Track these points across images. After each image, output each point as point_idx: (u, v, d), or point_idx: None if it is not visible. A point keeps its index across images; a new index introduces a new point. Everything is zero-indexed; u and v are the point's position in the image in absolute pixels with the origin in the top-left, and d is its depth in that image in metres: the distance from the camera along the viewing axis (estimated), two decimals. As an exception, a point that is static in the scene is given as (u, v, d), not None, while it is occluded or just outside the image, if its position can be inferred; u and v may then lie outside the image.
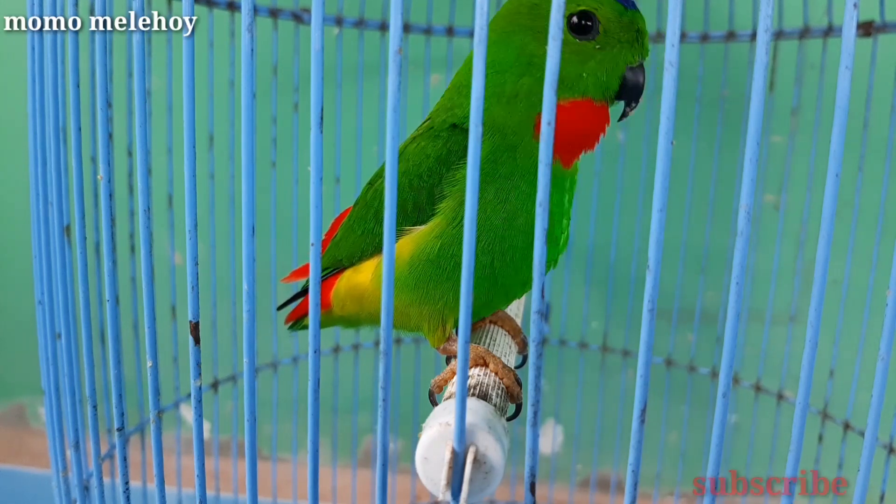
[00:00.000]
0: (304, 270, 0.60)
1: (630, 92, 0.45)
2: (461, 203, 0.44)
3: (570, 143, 0.46)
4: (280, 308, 0.65)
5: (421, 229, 0.46)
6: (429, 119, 0.50)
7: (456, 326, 0.48)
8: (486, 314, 0.52)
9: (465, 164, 0.44)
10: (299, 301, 0.61)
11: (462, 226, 0.44)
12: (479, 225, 0.44)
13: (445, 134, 0.46)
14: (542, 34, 0.44)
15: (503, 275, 0.46)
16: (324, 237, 0.59)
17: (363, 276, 0.50)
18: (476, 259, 0.44)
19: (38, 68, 0.48)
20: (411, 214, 0.46)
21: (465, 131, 0.46)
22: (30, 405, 1.06)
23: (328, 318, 0.55)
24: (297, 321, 0.60)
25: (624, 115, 0.47)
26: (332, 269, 0.53)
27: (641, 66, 0.45)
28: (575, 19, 0.43)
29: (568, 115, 0.44)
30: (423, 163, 0.46)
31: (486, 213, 0.44)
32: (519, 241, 0.45)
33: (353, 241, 0.51)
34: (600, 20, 0.43)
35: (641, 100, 0.46)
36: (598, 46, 0.44)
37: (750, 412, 0.85)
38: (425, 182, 0.45)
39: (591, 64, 0.44)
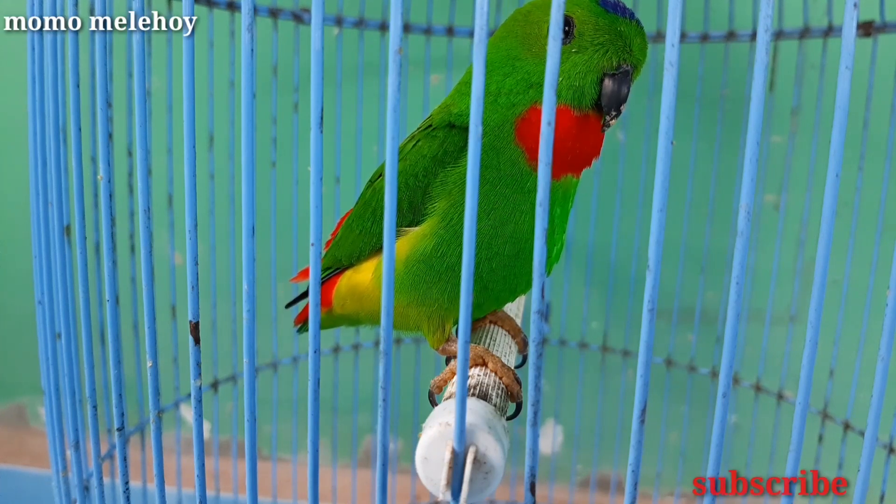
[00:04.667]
0: (306, 272, 0.61)
1: (608, 99, 0.43)
2: (452, 204, 0.44)
3: (555, 153, 0.45)
4: (288, 306, 0.66)
5: (416, 230, 0.46)
6: (429, 118, 0.50)
7: (456, 327, 0.48)
8: (480, 315, 0.52)
9: (458, 165, 0.44)
10: (306, 301, 0.61)
11: (453, 227, 0.44)
12: None
13: (442, 133, 0.46)
14: (528, 39, 0.44)
15: (491, 280, 0.46)
16: (330, 237, 0.59)
17: (363, 275, 0.50)
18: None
19: (38, 68, 0.48)
20: (407, 214, 0.46)
21: (461, 129, 0.46)
22: (30, 405, 1.06)
23: (330, 318, 0.55)
24: (306, 323, 0.60)
25: (604, 124, 0.44)
26: (333, 268, 0.53)
27: (627, 74, 0.43)
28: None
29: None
30: (419, 162, 0.46)
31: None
32: (506, 250, 0.45)
33: (352, 240, 0.51)
34: (575, 23, 0.42)
35: (623, 109, 0.44)
36: (574, 50, 0.43)
37: (750, 412, 0.85)
38: (421, 182, 0.45)
39: (564, 67, 0.42)
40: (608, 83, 0.43)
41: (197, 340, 0.37)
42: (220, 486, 0.89)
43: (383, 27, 0.79)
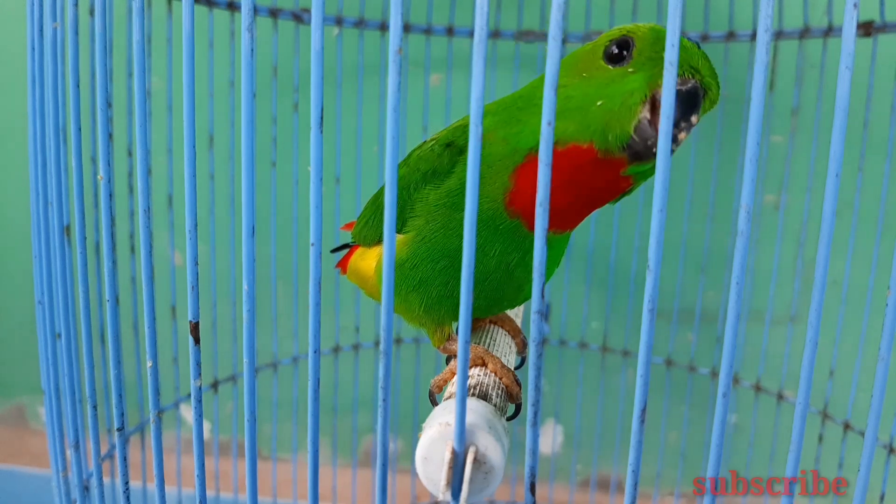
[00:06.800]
0: (351, 224, 0.61)
1: (684, 99, 0.36)
2: (428, 222, 0.44)
3: (558, 205, 0.36)
4: (333, 251, 0.65)
5: (399, 238, 0.46)
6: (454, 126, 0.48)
7: (456, 325, 0.48)
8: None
9: (442, 185, 0.44)
10: (345, 252, 0.61)
11: (426, 245, 0.44)
12: (441, 245, 0.44)
13: (439, 149, 0.46)
14: (578, 67, 0.39)
15: (458, 299, 0.46)
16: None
17: (366, 263, 0.52)
18: (436, 276, 0.45)
19: (38, 68, 0.48)
20: (397, 222, 0.46)
21: (457, 147, 0.45)
22: (30, 405, 1.06)
23: (347, 279, 0.59)
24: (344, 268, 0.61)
25: (674, 141, 0.36)
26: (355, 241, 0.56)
27: (696, 90, 0.36)
28: (614, 48, 0.37)
29: (564, 161, 0.37)
30: (413, 175, 0.46)
31: (445, 236, 0.44)
32: (475, 275, 0.43)
33: (361, 226, 0.54)
34: (636, 42, 0.37)
35: (681, 138, 0.36)
36: (630, 70, 0.37)
37: (750, 412, 0.85)
38: (411, 194, 0.46)
39: (611, 89, 0.37)
40: (680, 86, 0.36)
41: (197, 340, 0.37)
42: (220, 486, 0.89)
43: (383, 27, 0.79)
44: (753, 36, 0.74)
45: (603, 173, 0.38)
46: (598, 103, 0.37)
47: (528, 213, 0.40)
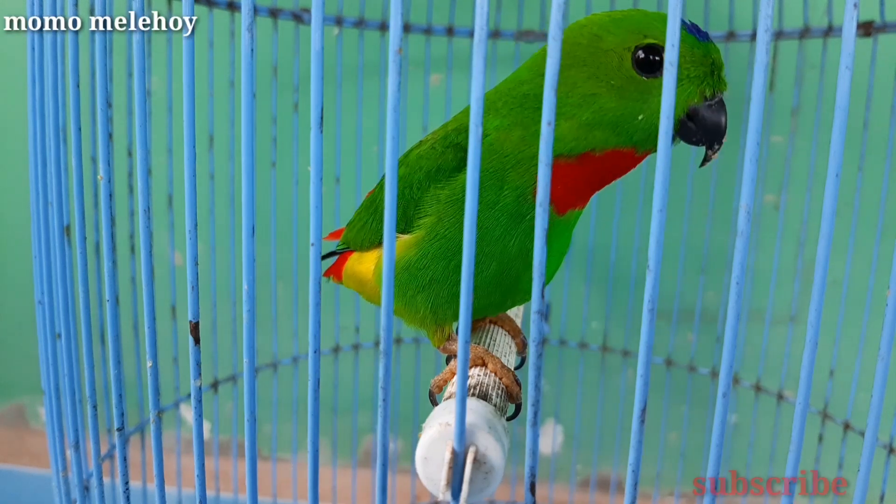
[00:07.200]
0: (338, 233, 0.62)
1: (711, 132, 0.40)
2: (440, 220, 0.44)
3: (583, 192, 0.44)
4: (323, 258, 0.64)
5: (405, 238, 0.46)
6: (450, 122, 0.49)
7: (456, 325, 0.48)
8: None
9: (451, 182, 0.44)
10: (334, 259, 0.61)
11: (438, 243, 0.44)
12: (456, 242, 0.44)
13: (440, 148, 0.46)
14: (604, 70, 0.40)
15: (475, 296, 0.45)
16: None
17: (364, 266, 0.52)
18: (449, 274, 0.44)
19: (38, 68, 0.48)
20: (399, 222, 0.46)
21: (461, 147, 0.45)
22: (30, 405, 1.06)
23: (342, 284, 0.59)
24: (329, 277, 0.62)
25: (706, 159, 0.42)
26: (346, 246, 0.56)
27: (721, 104, 0.40)
28: (641, 54, 0.39)
29: (599, 164, 0.41)
30: (415, 174, 0.46)
31: (461, 232, 0.44)
32: (491, 268, 0.44)
33: (357, 230, 0.53)
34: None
35: (724, 141, 0.40)
36: None
37: (750, 412, 0.85)
38: (415, 193, 0.45)
39: (652, 104, 0.39)
40: (708, 115, 0.40)
41: (197, 340, 0.37)
42: (220, 486, 0.89)
43: (383, 27, 0.79)
44: (753, 36, 0.74)
45: (635, 162, 0.42)
46: (640, 118, 0.40)
47: (556, 199, 0.43)
